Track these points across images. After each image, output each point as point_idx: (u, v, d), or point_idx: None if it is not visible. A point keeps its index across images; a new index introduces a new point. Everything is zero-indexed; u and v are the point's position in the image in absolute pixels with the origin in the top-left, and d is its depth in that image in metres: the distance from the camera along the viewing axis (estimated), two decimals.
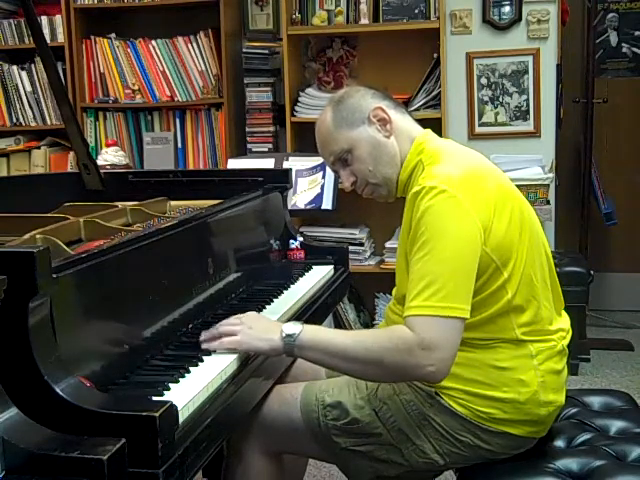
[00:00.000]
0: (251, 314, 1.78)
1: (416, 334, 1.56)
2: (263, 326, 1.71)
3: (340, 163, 1.83)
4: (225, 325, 1.71)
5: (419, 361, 1.56)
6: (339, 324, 4.04)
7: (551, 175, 3.80)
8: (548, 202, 3.75)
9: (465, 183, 1.65)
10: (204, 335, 1.69)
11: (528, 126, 3.97)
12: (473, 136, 4.00)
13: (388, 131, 1.79)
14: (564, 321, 1.85)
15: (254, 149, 4.13)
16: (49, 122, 4.29)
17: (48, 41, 3.10)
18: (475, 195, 1.65)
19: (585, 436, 1.84)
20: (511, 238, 1.69)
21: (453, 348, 1.58)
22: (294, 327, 1.68)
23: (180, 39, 4.13)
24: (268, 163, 3.64)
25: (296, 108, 3.98)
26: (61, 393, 1.23)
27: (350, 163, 1.81)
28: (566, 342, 1.81)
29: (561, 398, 1.79)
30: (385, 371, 1.62)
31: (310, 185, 3.66)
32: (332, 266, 2.47)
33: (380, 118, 1.79)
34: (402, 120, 1.83)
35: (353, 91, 1.85)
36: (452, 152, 1.78)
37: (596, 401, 2.03)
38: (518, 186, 1.84)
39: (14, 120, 4.31)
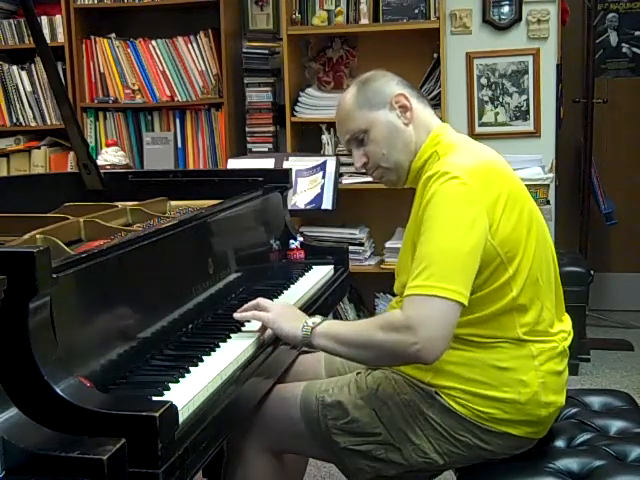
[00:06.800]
0: (283, 303, 1.99)
1: (402, 313, 1.60)
2: (292, 313, 1.84)
3: (355, 142, 1.84)
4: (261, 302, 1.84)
5: (404, 339, 1.58)
6: None
7: (551, 175, 3.80)
8: (548, 202, 3.75)
9: (478, 174, 1.68)
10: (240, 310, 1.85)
11: (528, 126, 3.97)
12: (473, 136, 3.87)
13: (407, 119, 1.81)
14: (566, 323, 1.86)
15: (254, 149, 4.13)
16: (49, 122, 4.28)
17: (48, 41, 3.10)
18: (486, 187, 1.66)
19: (585, 436, 1.84)
20: (519, 235, 1.70)
21: (442, 328, 1.58)
22: (316, 319, 1.78)
23: (180, 39, 4.13)
24: (268, 163, 3.65)
25: (296, 108, 3.98)
26: (61, 393, 1.23)
27: (365, 144, 1.83)
28: (567, 343, 1.81)
29: (561, 399, 1.79)
30: (380, 353, 1.66)
31: (310, 185, 3.66)
32: (332, 266, 2.47)
33: (402, 105, 1.81)
34: (422, 111, 1.85)
35: (379, 75, 1.87)
36: (468, 146, 1.82)
37: (596, 401, 2.03)
38: None
39: (14, 120, 4.31)
